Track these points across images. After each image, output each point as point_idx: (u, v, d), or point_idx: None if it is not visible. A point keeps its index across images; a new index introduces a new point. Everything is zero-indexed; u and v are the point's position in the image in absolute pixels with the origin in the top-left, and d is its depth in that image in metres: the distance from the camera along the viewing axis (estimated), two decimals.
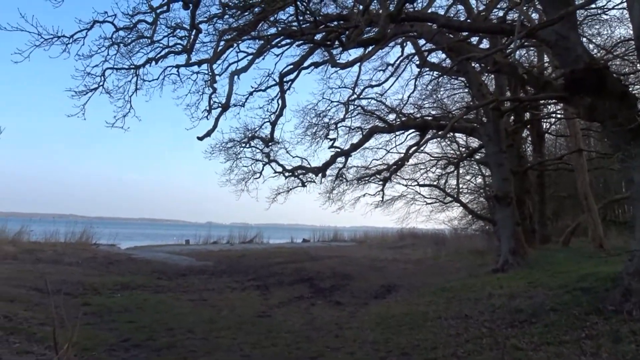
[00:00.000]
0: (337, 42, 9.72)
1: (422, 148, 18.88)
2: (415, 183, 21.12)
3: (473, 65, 13.24)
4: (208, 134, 12.37)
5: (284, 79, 13.38)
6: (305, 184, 17.54)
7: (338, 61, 12.79)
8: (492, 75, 15.13)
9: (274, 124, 14.63)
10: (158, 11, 11.04)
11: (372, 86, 16.96)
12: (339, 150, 16.64)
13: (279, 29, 11.56)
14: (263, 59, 12.85)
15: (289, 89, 13.92)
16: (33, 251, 16.88)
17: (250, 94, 14.10)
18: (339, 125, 17.45)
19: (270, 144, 15.51)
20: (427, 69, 16.03)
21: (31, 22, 10.37)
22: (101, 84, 11.92)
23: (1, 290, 9.02)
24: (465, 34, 11.25)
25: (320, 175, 16.67)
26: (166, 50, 11.90)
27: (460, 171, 20.42)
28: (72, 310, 7.49)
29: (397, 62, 16.21)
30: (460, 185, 20.95)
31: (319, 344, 6.63)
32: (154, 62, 11.92)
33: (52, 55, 13.72)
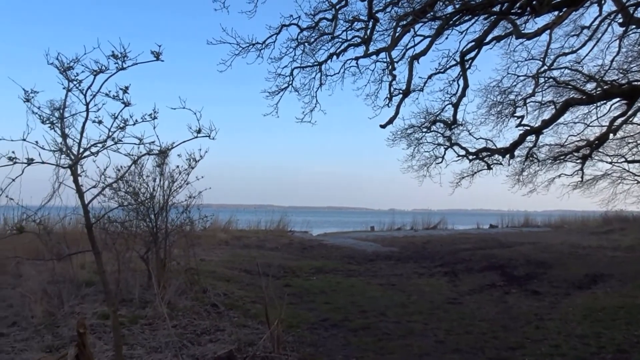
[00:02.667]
0: (527, 9, 8.94)
1: (630, 119, 16.38)
2: (623, 159, 18.44)
3: None
4: (390, 121, 12.55)
5: (465, 58, 12.85)
6: (491, 166, 16.59)
7: (523, 31, 11.80)
8: None
9: (456, 106, 14.13)
10: (337, 7, 11.57)
11: (564, 54, 15.18)
12: (528, 128, 15.34)
13: (457, 6, 11.12)
14: (447, 38, 12.56)
15: (469, 67, 13.34)
16: (241, 238, 19.12)
17: (430, 77, 13.88)
18: (527, 101, 16.07)
19: (453, 126, 15.04)
20: (634, 26, 13.79)
21: (231, 34, 11.74)
22: (290, 82, 12.99)
23: (220, 271, 10.40)
24: None
25: (507, 156, 15.61)
26: (345, 44, 12.41)
27: None
28: (277, 291, 8.29)
29: (595, 23, 14.28)
30: None
31: (517, 334, 6.26)
32: (335, 57, 12.54)
33: (248, 62, 15.23)
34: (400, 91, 12.67)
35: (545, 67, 15.28)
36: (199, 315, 6.44)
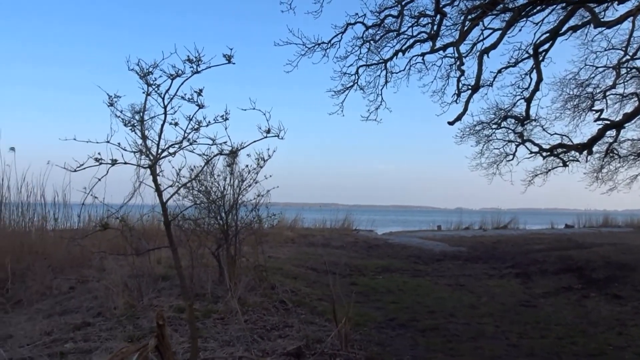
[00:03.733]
0: None
1: None
2: None
3: None
4: (458, 117, 12.24)
5: (538, 50, 12.27)
6: (567, 163, 15.79)
7: (603, 20, 11.10)
8: None
9: (529, 100, 13.52)
10: (403, 3, 11.45)
11: None
12: (608, 122, 14.41)
13: None
14: (520, 30, 12.10)
15: (543, 59, 12.74)
16: (306, 236, 19.34)
17: (500, 71, 13.43)
18: (607, 93, 15.14)
19: (525, 122, 14.41)
20: None
21: (297, 35, 11.93)
22: (355, 81, 13.01)
23: (287, 269, 10.58)
24: None
25: (585, 152, 14.76)
26: (411, 40, 12.27)
27: None
28: (343, 289, 8.31)
29: None
30: None
31: (598, 340, 5.93)
32: (400, 54, 12.42)
33: (314, 62, 15.37)
34: (469, 87, 12.33)
35: (628, 57, 14.30)
36: (268, 311, 6.58)
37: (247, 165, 7.54)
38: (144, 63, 3.46)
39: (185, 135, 3.68)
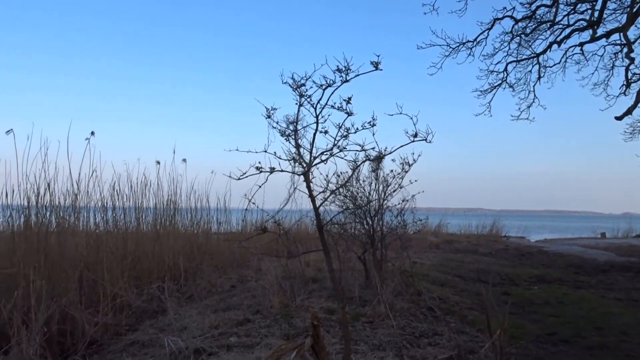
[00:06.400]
0: None
1: None
2: None
3: None
4: (628, 111, 10.92)
5: None
6: None
7: None
8: None
9: None
10: None
11: None
12: None
13: None
14: None
15: None
16: (451, 242, 18.77)
17: None
18: None
19: None
20: None
21: (440, 36, 11.71)
22: (504, 79, 12.37)
23: (432, 275, 10.35)
24: None
25: None
26: (568, 29, 11.30)
27: None
28: (495, 299, 7.88)
29: None
30: None
31: None
32: (555, 46, 11.52)
33: (458, 62, 14.93)
34: None
35: None
36: (416, 317, 6.50)
37: (391, 170, 7.55)
38: (296, 75, 3.66)
39: (335, 142, 3.81)
